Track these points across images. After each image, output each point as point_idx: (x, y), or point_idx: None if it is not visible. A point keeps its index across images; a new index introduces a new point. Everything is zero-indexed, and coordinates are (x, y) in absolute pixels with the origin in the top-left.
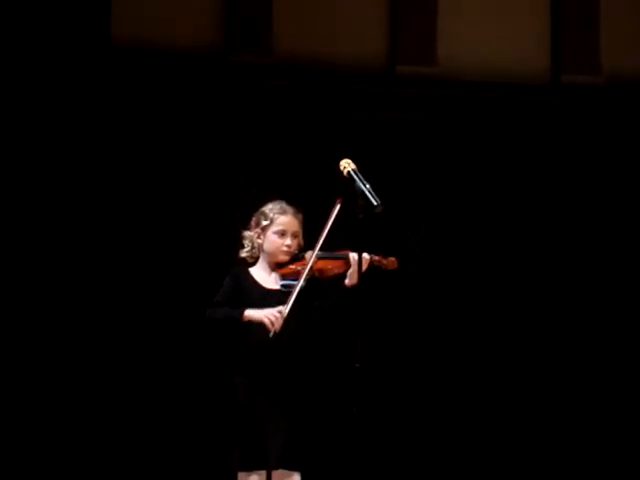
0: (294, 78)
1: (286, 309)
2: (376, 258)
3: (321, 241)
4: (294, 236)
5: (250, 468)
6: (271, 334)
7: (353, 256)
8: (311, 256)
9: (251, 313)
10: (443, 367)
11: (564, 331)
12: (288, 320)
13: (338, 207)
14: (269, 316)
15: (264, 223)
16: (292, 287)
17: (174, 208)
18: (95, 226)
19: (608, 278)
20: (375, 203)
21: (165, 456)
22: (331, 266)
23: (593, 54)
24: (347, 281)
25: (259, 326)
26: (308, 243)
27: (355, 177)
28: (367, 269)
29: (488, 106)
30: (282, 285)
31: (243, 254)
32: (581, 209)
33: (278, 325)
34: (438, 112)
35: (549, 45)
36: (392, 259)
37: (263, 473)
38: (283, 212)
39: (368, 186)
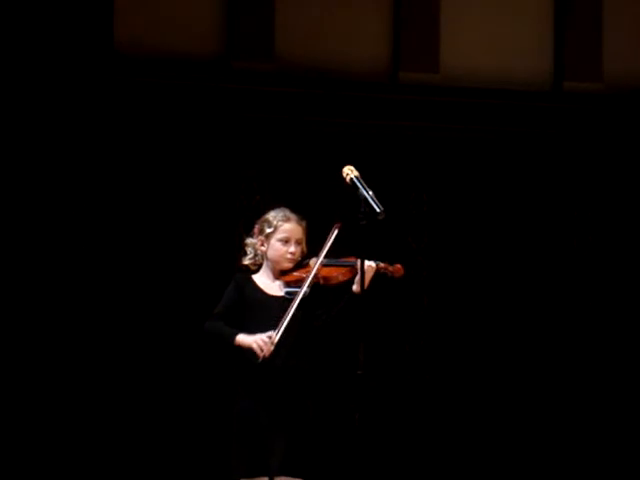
0: (297, 85)
1: (277, 335)
2: (382, 265)
3: (326, 248)
4: (298, 243)
5: (252, 475)
6: (260, 360)
7: (359, 263)
8: (315, 263)
9: (242, 338)
10: (445, 374)
11: (565, 335)
12: (291, 327)
13: (336, 232)
14: (258, 341)
15: (268, 231)
16: (296, 294)
17: (176, 214)
18: (98, 231)
19: (610, 286)
20: (378, 210)
21: (167, 463)
22: (336, 273)
23: (595, 61)
24: (355, 287)
25: (249, 350)
26: (311, 250)
27: (358, 184)
28: (373, 276)
29: (490, 113)
30: (286, 292)
31: (246, 261)
32: (583, 216)
33: (267, 350)
34: (441, 119)
35: (551, 52)
36: (398, 266)
37: None
38: (287, 219)
39: (371, 193)
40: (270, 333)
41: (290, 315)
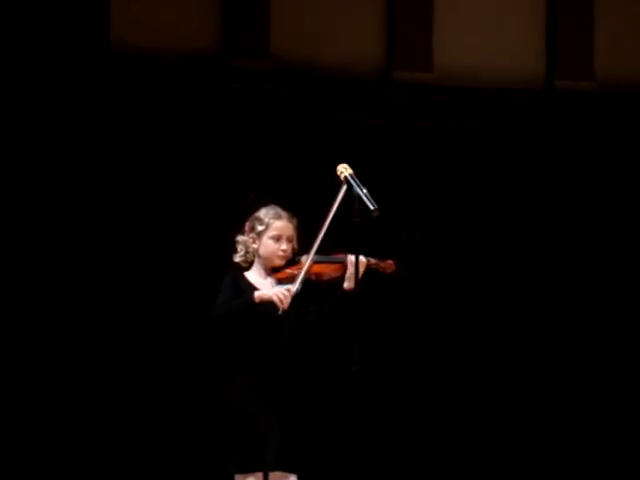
0: (292, 83)
1: (294, 287)
2: (373, 261)
3: (317, 244)
4: (289, 240)
5: (247, 470)
6: (280, 312)
7: (350, 259)
8: (307, 259)
9: (261, 293)
10: (439, 370)
11: (558, 329)
12: (286, 323)
13: (344, 190)
14: (278, 294)
15: (259, 228)
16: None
17: (171, 211)
18: (93, 230)
19: (605, 286)
20: (372, 208)
21: (162, 458)
22: (328, 270)
23: (587, 60)
24: (346, 284)
25: (267, 307)
26: (305, 245)
27: (352, 182)
28: (364, 272)
29: (483, 111)
30: None
31: (237, 259)
32: (574, 215)
33: (286, 303)
34: (434, 117)
35: (543, 51)
36: (390, 262)
37: (260, 475)
38: (278, 217)
39: (365, 191)
40: (288, 286)
41: (304, 270)
